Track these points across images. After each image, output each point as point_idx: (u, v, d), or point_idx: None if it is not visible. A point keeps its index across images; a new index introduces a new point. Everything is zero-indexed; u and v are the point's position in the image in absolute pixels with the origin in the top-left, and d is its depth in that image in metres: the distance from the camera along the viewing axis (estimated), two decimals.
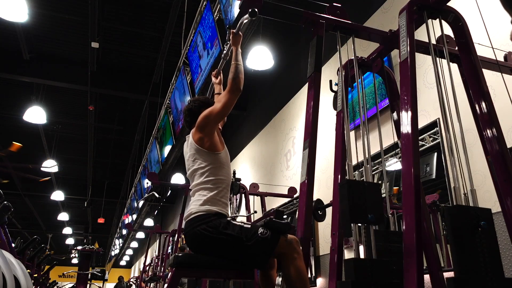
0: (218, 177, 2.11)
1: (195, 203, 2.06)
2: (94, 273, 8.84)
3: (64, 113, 9.80)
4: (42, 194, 13.68)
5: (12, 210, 4.48)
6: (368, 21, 4.42)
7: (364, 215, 1.65)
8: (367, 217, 1.65)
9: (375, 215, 1.66)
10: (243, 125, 8.28)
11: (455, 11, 2.07)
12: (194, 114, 2.27)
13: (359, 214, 1.65)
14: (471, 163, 1.85)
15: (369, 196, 1.69)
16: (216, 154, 2.15)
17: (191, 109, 2.29)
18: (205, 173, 2.11)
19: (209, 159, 2.13)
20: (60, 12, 6.63)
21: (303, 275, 1.91)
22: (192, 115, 2.28)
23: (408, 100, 1.78)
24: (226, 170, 2.17)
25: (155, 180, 6.50)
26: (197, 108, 2.27)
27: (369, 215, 1.66)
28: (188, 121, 2.31)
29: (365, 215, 1.65)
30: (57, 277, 12.44)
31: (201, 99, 2.35)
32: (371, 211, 1.66)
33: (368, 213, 1.65)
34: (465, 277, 1.40)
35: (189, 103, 2.36)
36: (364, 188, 1.71)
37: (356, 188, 1.69)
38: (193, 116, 2.27)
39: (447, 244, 2.95)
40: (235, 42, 2.29)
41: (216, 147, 2.15)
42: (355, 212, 1.65)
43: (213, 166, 2.12)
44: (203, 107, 2.25)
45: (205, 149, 2.13)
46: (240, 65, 2.17)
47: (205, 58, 4.85)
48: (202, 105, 2.27)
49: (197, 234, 1.97)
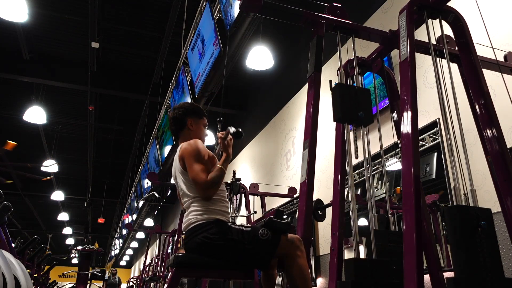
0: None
1: (193, 213, 2.03)
2: (94, 273, 8.84)
3: (64, 113, 9.80)
4: (42, 194, 13.68)
5: (12, 210, 4.48)
6: (368, 21, 4.42)
7: (355, 113, 1.76)
8: (358, 115, 1.76)
9: (365, 114, 1.78)
10: (243, 125, 8.28)
11: (455, 11, 2.07)
12: (179, 121, 2.23)
13: (350, 112, 1.76)
14: (471, 163, 1.85)
15: (360, 98, 1.81)
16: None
17: (175, 117, 2.24)
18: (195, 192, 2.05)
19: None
20: (60, 12, 6.63)
21: (306, 273, 1.91)
22: (177, 123, 2.24)
23: (408, 100, 1.78)
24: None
25: (155, 180, 6.51)
26: (182, 116, 2.22)
27: (359, 113, 1.77)
28: (174, 129, 2.27)
29: (355, 113, 1.76)
30: (57, 277, 12.43)
31: (185, 106, 2.29)
32: (361, 109, 1.78)
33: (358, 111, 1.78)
34: (465, 277, 1.40)
35: (173, 109, 2.30)
36: (355, 91, 1.83)
37: (348, 91, 1.81)
38: (178, 124, 2.23)
39: (447, 244, 2.95)
40: (225, 148, 2.09)
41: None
42: (346, 111, 1.76)
43: None
44: (188, 115, 2.21)
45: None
46: (223, 171, 2.02)
47: (205, 58, 4.85)
48: (187, 112, 2.23)
49: (198, 243, 1.95)
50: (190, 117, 2.24)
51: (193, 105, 2.31)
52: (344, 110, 1.69)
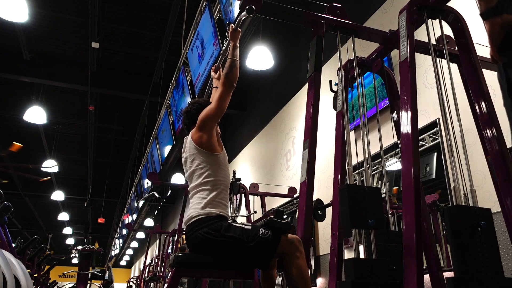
0: (217, 178, 2.11)
1: (195, 206, 2.05)
2: (94, 273, 8.84)
3: (64, 113, 9.80)
4: (42, 194, 13.68)
5: (12, 210, 4.49)
6: (368, 21, 4.42)
7: (365, 220, 1.65)
8: (368, 222, 1.66)
9: (376, 220, 1.66)
10: (243, 125, 8.28)
11: (455, 11, 2.07)
12: (192, 116, 2.28)
13: (360, 219, 1.65)
14: (471, 163, 1.85)
15: (370, 200, 1.69)
16: (215, 155, 2.14)
17: (189, 111, 2.30)
18: (204, 174, 2.10)
19: (207, 159, 2.13)
20: (60, 12, 6.63)
21: (305, 274, 1.91)
22: (190, 117, 2.29)
23: (408, 100, 1.78)
24: (224, 172, 2.17)
25: (155, 180, 6.51)
26: (195, 111, 2.27)
27: (370, 220, 1.66)
28: (187, 123, 2.32)
29: (365, 220, 1.65)
30: (57, 277, 12.43)
31: (200, 101, 2.35)
32: (371, 216, 1.66)
33: (368, 218, 1.66)
34: (465, 277, 1.40)
35: (188, 105, 2.36)
36: (364, 193, 1.70)
37: (356, 193, 1.68)
38: (191, 119, 2.28)
39: (447, 244, 2.95)
40: (233, 37, 2.29)
41: (215, 148, 2.15)
42: (355, 218, 1.65)
43: (211, 167, 2.12)
44: (201, 110, 2.25)
45: (204, 149, 2.13)
46: (236, 60, 2.18)
47: (205, 58, 4.85)
48: (201, 107, 2.27)
49: (199, 238, 1.96)
50: None
51: (208, 102, 2.35)
52: (353, 217, 1.65)
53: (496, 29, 1.33)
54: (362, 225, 1.67)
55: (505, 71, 1.38)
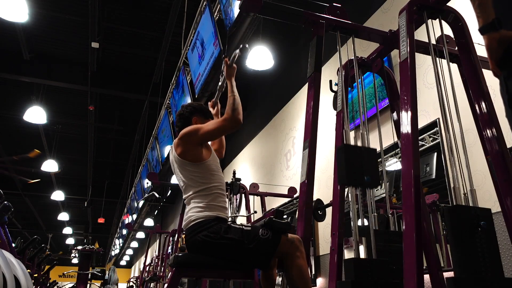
0: (210, 184, 2.08)
1: (193, 210, 2.04)
2: (94, 273, 8.84)
3: (64, 113, 9.80)
4: (42, 194, 13.68)
5: (12, 210, 4.49)
6: (368, 21, 4.42)
7: (361, 177, 1.70)
8: (364, 179, 1.70)
9: (371, 177, 1.71)
10: (243, 125, 8.25)
11: (455, 11, 2.07)
12: (185, 119, 2.26)
13: (356, 176, 1.69)
14: (471, 163, 1.85)
15: (366, 159, 1.74)
16: (203, 163, 2.10)
17: (182, 114, 2.28)
18: (197, 183, 2.08)
19: (196, 169, 2.09)
20: (60, 12, 6.63)
21: (305, 274, 1.91)
22: (183, 120, 2.27)
23: (408, 100, 1.78)
24: (217, 176, 2.14)
25: (155, 180, 6.51)
26: (188, 114, 2.26)
27: (366, 176, 1.71)
28: (179, 126, 2.29)
29: (361, 177, 1.70)
30: (57, 277, 12.43)
31: (194, 105, 2.33)
32: (367, 173, 1.71)
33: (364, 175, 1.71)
34: (465, 277, 1.40)
35: (182, 107, 2.34)
36: (360, 152, 1.77)
37: (353, 152, 1.74)
38: (184, 122, 2.26)
39: (447, 244, 2.95)
40: (229, 74, 2.25)
41: (201, 157, 2.10)
42: (351, 175, 1.69)
43: (202, 175, 2.09)
44: (195, 113, 2.24)
45: (189, 161, 2.09)
46: (237, 97, 2.10)
47: (205, 58, 4.85)
48: (194, 111, 2.26)
49: (198, 241, 1.96)
50: (196, 116, 2.27)
51: (201, 106, 2.34)
52: (350, 174, 1.66)
53: (494, 45, 1.34)
54: (358, 182, 1.72)
55: (506, 83, 1.39)
